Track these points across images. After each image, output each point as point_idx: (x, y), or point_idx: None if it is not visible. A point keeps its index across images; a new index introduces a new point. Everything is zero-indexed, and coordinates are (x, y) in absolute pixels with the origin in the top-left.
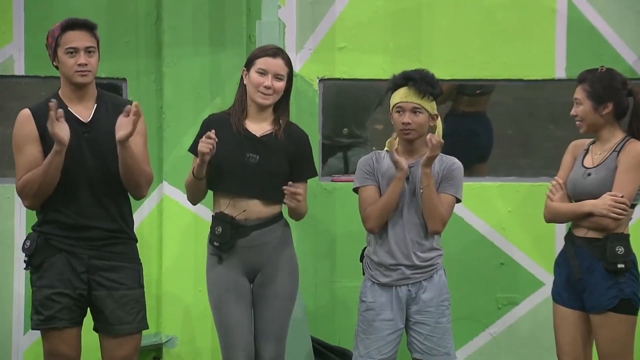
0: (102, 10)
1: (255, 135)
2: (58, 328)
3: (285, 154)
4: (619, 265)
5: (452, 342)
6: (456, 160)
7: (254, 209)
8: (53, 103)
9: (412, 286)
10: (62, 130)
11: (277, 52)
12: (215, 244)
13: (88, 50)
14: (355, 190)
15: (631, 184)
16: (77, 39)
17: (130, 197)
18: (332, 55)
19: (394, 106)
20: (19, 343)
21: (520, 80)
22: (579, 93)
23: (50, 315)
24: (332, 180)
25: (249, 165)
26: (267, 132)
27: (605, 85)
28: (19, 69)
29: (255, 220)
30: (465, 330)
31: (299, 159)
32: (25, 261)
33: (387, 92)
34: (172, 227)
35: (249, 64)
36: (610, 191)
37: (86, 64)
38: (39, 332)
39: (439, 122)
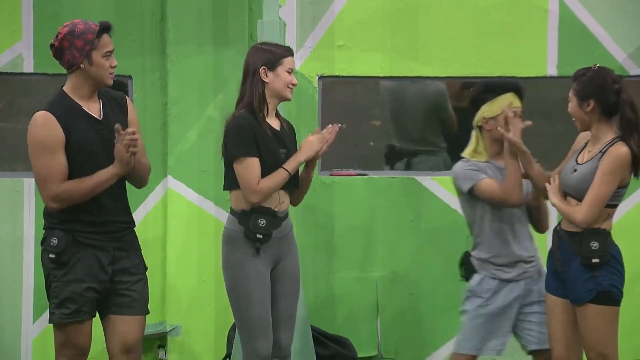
0: (110, 9)
1: (278, 130)
2: (81, 321)
3: (294, 146)
4: (594, 260)
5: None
6: None
7: (285, 200)
8: (136, 134)
9: (528, 280)
10: (132, 159)
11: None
12: (259, 236)
13: None
14: (470, 190)
15: (605, 186)
16: (110, 42)
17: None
18: (331, 53)
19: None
20: (28, 331)
21: (514, 77)
22: (571, 91)
23: (77, 309)
24: (331, 175)
25: (283, 161)
26: (281, 127)
27: (588, 83)
28: (28, 67)
29: (284, 211)
30: (459, 320)
31: (295, 149)
32: (52, 258)
33: (485, 98)
34: (176, 219)
35: (273, 63)
36: (587, 189)
37: (115, 66)
38: (46, 321)
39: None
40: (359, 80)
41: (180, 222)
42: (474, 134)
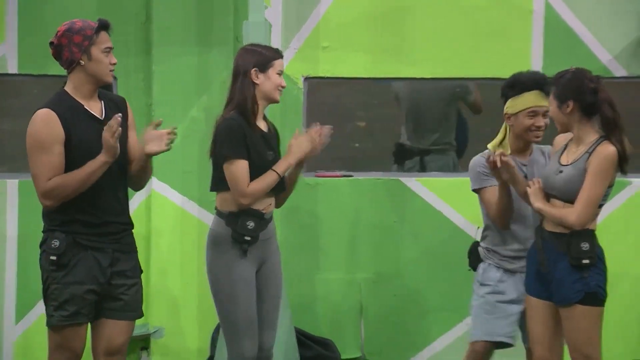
0: (93, 10)
1: (266, 132)
2: (79, 324)
3: (277, 148)
4: (584, 261)
5: None
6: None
7: (272, 202)
8: (120, 118)
9: None
10: (117, 144)
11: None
12: (247, 238)
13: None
14: (475, 190)
15: (598, 187)
16: (109, 39)
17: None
18: (316, 54)
19: (526, 109)
20: (9, 333)
21: (499, 78)
22: (550, 94)
23: (76, 311)
24: (315, 176)
25: (271, 163)
26: (268, 129)
27: (566, 85)
28: (12, 68)
29: (271, 213)
30: (445, 320)
31: (278, 151)
32: (53, 260)
33: (507, 94)
34: (160, 221)
35: (264, 65)
36: (576, 190)
37: (115, 64)
38: (29, 322)
39: None
40: (343, 82)
41: (163, 223)
42: (503, 126)
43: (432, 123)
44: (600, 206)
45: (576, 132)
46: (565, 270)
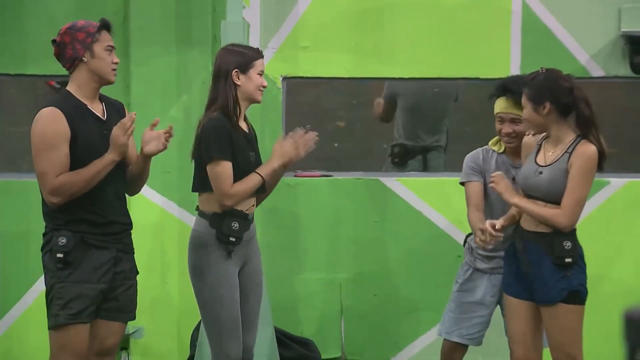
0: (71, 10)
1: (247, 133)
2: (84, 322)
3: (257, 149)
4: (567, 260)
5: None
6: None
7: (253, 202)
8: (134, 115)
9: None
10: (127, 143)
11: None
12: (232, 239)
13: None
14: (462, 184)
15: (584, 187)
16: (110, 38)
17: None
18: (295, 55)
19: (495, 115)
20: None
21: (478, 78)
22: (523, 97)
23: (81, 309)
24: (295, 176)
25: (253, 163)
26: (249, 130)
27: (540, 86)
28: None
29: (253, 213)
30: (424, 320)
31: (258, 152)
32: (60, 258)
33: (489, 99)
34: (140, 221)
35: (245, 66)
36: (561, 191)
37: (117, 63)
38: (8, 323)
39: None
40: (323, 82)
41: (143, 223)
42: None
43: (431, 122)
44: None
45: (554, 132)
46: (548, 269)
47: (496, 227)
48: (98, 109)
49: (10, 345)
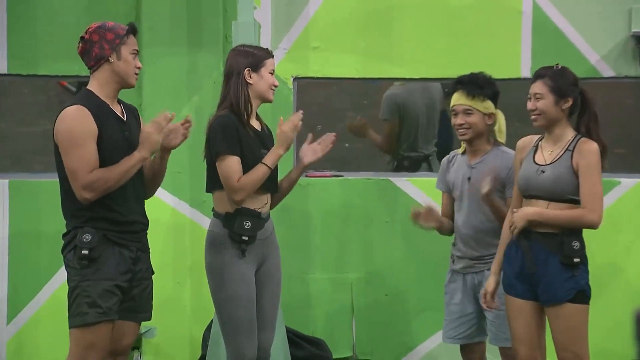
0: (82, 10)
1: (260, 131)
2: (113, 320)
3: (272, 147)
4: (575, 260)
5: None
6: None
7: (268, 201)
8: (170, 115)
9: (477, 275)
10: (160, 141)
11: None
12: (245, 238)
13: None
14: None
15: (599, 183)
16: (136, 43)
17: None
18: (306, 55)
19: (450, 109)
20: (1, 334)
21: None
22: (541, 88)
23: (109, 307)
24: (306, 176)
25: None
26: (262, 128)
27: (566, 81)
28: (2, 68)
29: (267, 212)
30: (435, 320)
31: None
32: (85, 255)
33: (446, 97)
34: (152, 221)
35: (257, 65)
36: (566, 189)
37: (140, 68)
38: (21, 323)
39: (500, 119)
40: (333, 82)
41: (155, 223)
42: None
43: (430, 130)
44: (579, 202)
45: (559, 129)
46: (556, 269)
47: None
48: (118, 110)
49: (21, 346)
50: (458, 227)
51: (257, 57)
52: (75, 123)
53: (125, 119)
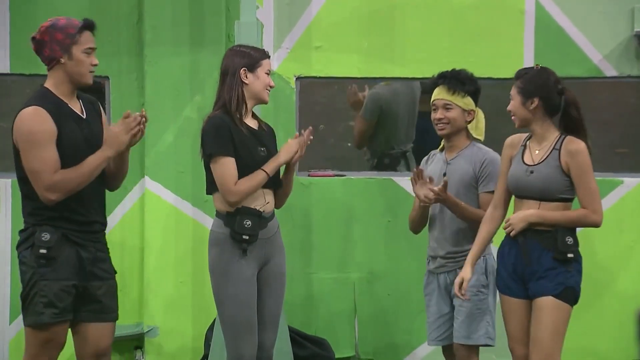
0: (85, 9)
1: (256, 130)
2: (68, 320)
3: (273, 146)
4: (569, 255)
5: (487, 328)
6: (488, 154)
7: (270, 200)
8: (140, 117)
9: (449, 274)
10: (128, 141)
11: None
12: (245, 237)
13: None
14: None
15: (594, 181)
16: (92, 39)
17: None
18: (308, 55)
19: (431, 104)
20: (4, 333)
21: (490, 78)
22: (512, 89)
23: (64, 307)
24: (309, 175)
25: (263, 159)
26: (259, 127)
27: (533, 82)
28: (4, 67)
29: (270, 212)
30: None
31: (275, 150)
32: (42, 254)
33: (429, 92)
34: (153, 220)
35: (253, 65)
36: (556, 188)
37: (96, 65)
38: (21, 324)
39: (480, 117)
40: (336, 81)
41: (157, 223)
42: None
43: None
44: (572, 200)
45: (540, 129)
46: (548, 263)
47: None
48: (77, 107)
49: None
50: (431, 224)
51: (253, 57)
52: (35, 123)
53: (85, 117)
